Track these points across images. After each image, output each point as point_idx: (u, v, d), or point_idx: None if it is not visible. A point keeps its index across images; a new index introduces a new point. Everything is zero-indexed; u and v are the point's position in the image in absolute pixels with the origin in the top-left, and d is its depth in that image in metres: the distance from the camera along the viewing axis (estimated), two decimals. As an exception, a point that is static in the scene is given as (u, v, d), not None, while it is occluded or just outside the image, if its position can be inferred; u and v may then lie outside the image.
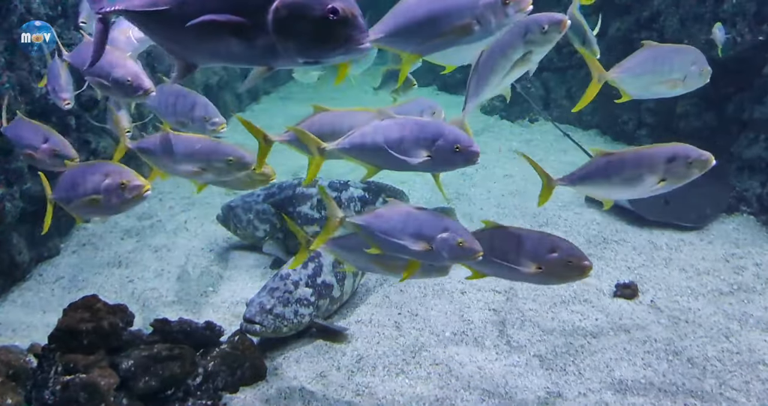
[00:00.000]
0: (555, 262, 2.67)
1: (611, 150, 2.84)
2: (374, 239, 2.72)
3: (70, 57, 3.48)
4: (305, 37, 1.65)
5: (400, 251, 2.69)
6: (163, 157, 3.17)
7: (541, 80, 8.33)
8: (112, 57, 3.03)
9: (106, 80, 3.03)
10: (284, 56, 1.70)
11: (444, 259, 2.63)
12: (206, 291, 4.37)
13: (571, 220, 5.43)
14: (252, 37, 1.68)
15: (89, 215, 3.25)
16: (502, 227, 2.79)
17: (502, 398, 3.28)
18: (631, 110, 7.31)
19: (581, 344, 3.69)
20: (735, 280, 4.35)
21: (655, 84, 3.20)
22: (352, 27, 1.66)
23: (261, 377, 3.38)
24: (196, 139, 3.16)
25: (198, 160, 3.12)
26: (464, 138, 2.58)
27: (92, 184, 2.94)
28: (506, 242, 2.74)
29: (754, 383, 3.34)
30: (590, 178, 2.91)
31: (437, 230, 2.60)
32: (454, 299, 4.17)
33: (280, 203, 4.73)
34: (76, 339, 2.91)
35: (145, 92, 3.03)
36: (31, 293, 4.34)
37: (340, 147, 2.75)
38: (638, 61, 3.18)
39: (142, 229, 5.24)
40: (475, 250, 2.59)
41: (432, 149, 2.56)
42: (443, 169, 2.78)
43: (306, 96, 10.31)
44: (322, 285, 3.82)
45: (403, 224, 2.66)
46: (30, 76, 4.57)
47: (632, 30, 7.01)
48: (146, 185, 2.92)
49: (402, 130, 2.61)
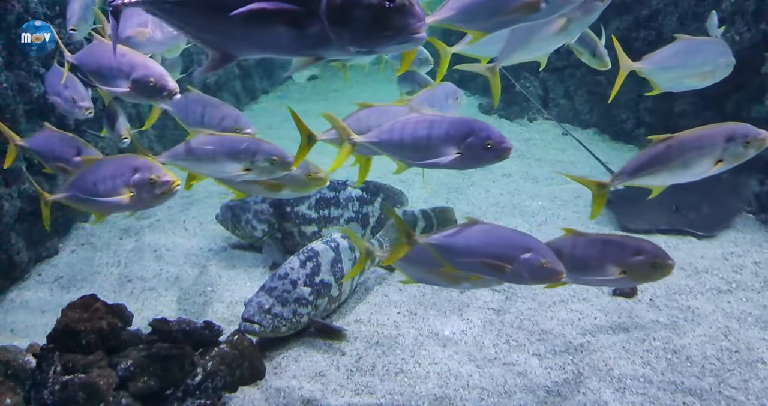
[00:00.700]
0: (640, 265, 2.65)
1: (667, 135, 2.77)
2: (449, 259, 2.65)
3: (77, 59, 3.27)
4: (360, 26, 1.59)
5: (479, 271, 2.63)
6: (206, 158, 3.07)
7: (540, 80, 8.33)
8: (132, 57, 2.90)
9: (126, 82, 2.90)
10: (337, 46, 1.64)
11: (525, 280, 2.57)
12: (205, 291, 4.37)
13: (570, 219, 5.44)
14: (304, 26, 1.61)
15: (112, 211, 3.11)
16: (583, 234, 2.75)
17: (501, 397, 3.28)
18: (629, 109, 7.32)
19: (580, 343, 3.69)
20: (734, 278, 4.35)
21: (687, 77, 3.23)
22: (410, 15, 1.60)
23: (260, 377, 3.38)
24: (241, 138, 3.07)
25: (243, 160, 3.02)
26: (496, 134, 2.53)
27: (122, 180, 2.83)
28: (588, 249, 2.70)
29: (752, 381, 3.34)
30: (650, 167, 2.81)
31: (519, 251, 2.53)
32: (453, 297, 4.17)
33: (278, 202, 4.73)
34: (75, 339, 2.91)
35: (169, 93, 2.88)
36: (30, 293, 4.34)
37: (369, 140, 2.73)
38: (671, 54, 3.21)
39: (140, 228, 5.24)
40: (559, 271, 2.52)
41: (462, 146, 2.52)
42: (474, 166, 2.71)
43: (304, 95, 10.32)
44: (320, 284, 3.82)
45: (483, 244, 2.59)
46: (28, 75, 4.57)
47: (631, 29, 7.01)
48: (176, 181, 2.84)
49: (432, 126, 2.56)
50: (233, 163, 3.04)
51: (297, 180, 3.20)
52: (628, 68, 3.18)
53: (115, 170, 2.87)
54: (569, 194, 5.96)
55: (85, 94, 3.64)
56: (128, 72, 2.89)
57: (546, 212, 5.56)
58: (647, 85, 3.42)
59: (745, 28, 5.71)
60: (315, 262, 3.87)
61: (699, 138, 2.72)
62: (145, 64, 2.90)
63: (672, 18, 6.63)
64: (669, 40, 3.41)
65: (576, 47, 3.86)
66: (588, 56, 3.86)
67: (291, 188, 3.25)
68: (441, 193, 6.00)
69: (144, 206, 2.95)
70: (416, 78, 4.31)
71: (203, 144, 3.07)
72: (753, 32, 5.67)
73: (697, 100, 6.28)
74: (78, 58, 3.24)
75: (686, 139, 2.73)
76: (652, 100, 6.87)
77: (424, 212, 4.86)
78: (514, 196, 5.93)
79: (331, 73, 12.00)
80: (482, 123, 2.58)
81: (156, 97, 2.91)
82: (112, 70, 2.93)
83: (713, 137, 2.70)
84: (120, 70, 2.89)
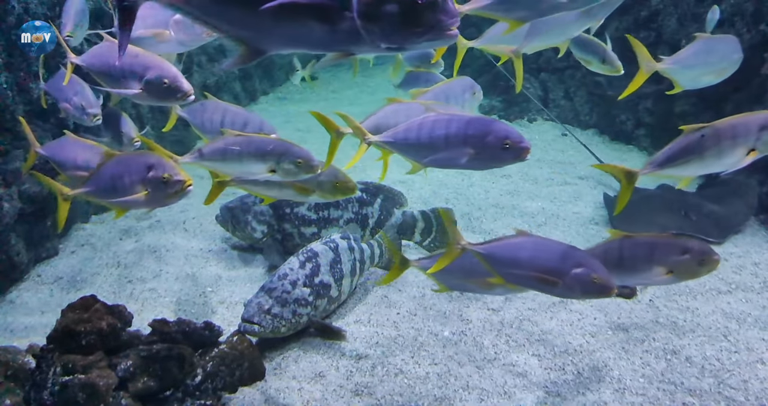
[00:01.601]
0: (687, 263, 2.66)
1: (700, 124, 2.74)
2: (497, 269, 2.62)
3: (84, 60, 3.18)
4: (391, 22, 1.58)
5: (527, 284, 2.60)
6: (231, 159, 3.04)
7: (540, 81, 8.34)
8: (145, 57, 2.83)
9: (138, 83, 2.83)
10: (367, 42, 1.63)
11: (576, 295, 2.55)
12: (205, 291, 4.37)
13: (570, 219, 5.44)
14: (334, 21, 1.60)
15: (130, 208, 3.06)
16: (630, 236, 2.74)
17: (501, 397, 3.28)
18: (628, 110, 7.33)
19: (579, 344, 3.69)
20: (733, 279, 4.35)
21: (706, 74, 3.25)
22: (442, 12, 1.59)
23: (260, 377, 3.38)
24: (269, 140, 3.04)
25: (268, 161, 2.98)
26: (514, 133, 2.50)
27: (137, 176, 2.79)
28: (635, 250, 2.69)
29: (752, 381, 3.34)
30: (683, 157, 2.78)
31: (570, 265, 2.50)
32: (452, 298, 4.17)
33: (277, 203, 4.74)
34: (75, 340, 2.90)
35: (184, 95, 2.83)
36: (30, 294, 4.34)
37: (384, 140, 2.70)
38: (692, 53, 3.23)
39: (140, 229, 5.24)
40: (610, 287, 2.49)
41: (480, 146, 2.48)
42: (491, 166, 2.68)
43: (303, 96, 10.32)
44: (319, 285, 3.82)
45: (532, 256, 2.55)
46: (28, 76, 4.57)
47: (630, 29, 7.01)
48: (188, 180, 2.80)
49: (449, 126, 2.53)
50: (259, 165, 3.00)
51: (325, 186, 3.14)
52: (650, 69, 3.17)
53: (131, 167, 2.84)
54: (569, 195, 5.96)
55: (94, 101, 3.56)
56: (141, 73, 2.82)
57: (545, 213, 5.56)
58: (646, 85, 3.44)
59: (745, 29, 5.72)
60: (314, 262, 3.87)
61: (732, 127, 2.68)
62: (159, 64, 2.84)
63: (671, 19, 6.64)
64: (668, 41, 3.44)
65: (583, 57, 3.81)
66: (597, 64, 3.80)
67: (319, 194, 3.20)
68: (440, 194, 6.00)
69: (158, 204, 2.92)
70: (421, 78, 4.28)
71: (229, 144, 3.02)
72: (752, 33, 5.67)
73: (696, 101, 6.28)
74: (85, 59, 3.15)
75: (720, 128, 2.69)
76: (652, 101, 6.89)
77: (423, 213, 4.86)
78: (514, 197, 5.94)
79: (330, 74, 12.01)
80: (500, 123, 2.54)
81: (170, 98, 2.86)
82: (123, 72, 2.86)
83: (747, 126, 2.66)
84: (132, 71, 2.83)
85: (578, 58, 3.90)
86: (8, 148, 4.34)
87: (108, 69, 2.95)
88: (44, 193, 4.62)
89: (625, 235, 2.77)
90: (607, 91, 7.48)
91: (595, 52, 3.81)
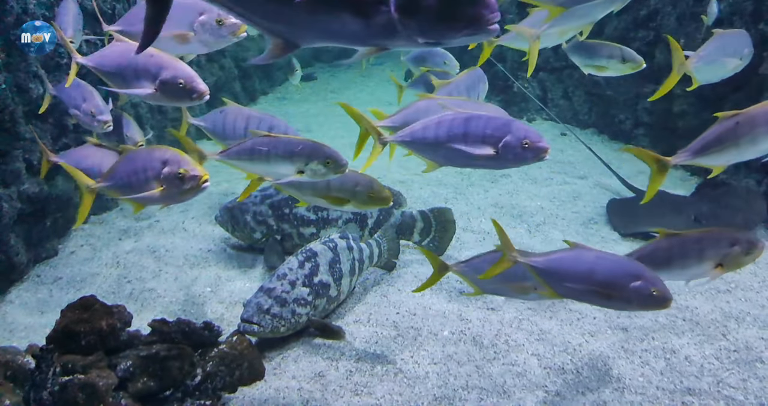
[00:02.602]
0: (736, 255, 2.67)
1: (735, 111, 2.72)
2: (550, 283, 2.59)
3: (93, 61, 3.06)
4: (430, 16, 1.53)
5: (580, 297, 2.58)
6: (260, 159, 3.01)
7: (538, 80, 8.34)
8: (159, 57, 2.76)
9: (152, 83, 2.76)
10: (403, 36, 1.58)
11: (633, 308, 2.55)
12: (204, 291, 4.37)
13: (569, 219, 5.44)
14: (370, 15, 1.55)
15: (147, 203, 2.99)
16: (677, 234, 2.73)
17: (501, 396, 3.28)
18: (627, 109, 7.33)
19: (579, 343, 3.69)
20: (732, 278, 4.36)
21: (723, 69, 3.33)
22: (482, 5, 1.54)
23: (259, 377, 3.38)
24: (297, 140, 3.01)
25: (297, 162, 2.96)
26: (533, 133, 2.49)
27: (152, 172, 2.74)
28: (685, 247, 2.69)
29: (751, 380, 3.35)
30: (718, 144, 2.75)
31: (628, 279, 2.49)
32: (452, 298, 4.17)
33: (276, 204, 4.74)
34: (74, 340, 2.90)
35: (199, 95, 2.78)
36: (29, 294, 4.34)
37: (401, 139, 2.66)
38: (712, 50, 3.29)
39: (140, 229, 5.24)
40: (668, 299, 2.51)
41: (500, 145, 2.46)
42: (510, 166, 2.66)
43: (302, 96, 10.33)
44: (319, 285, 3.83)
45: (589, 270, 2.52)
46: (27, 76, 4.57)
47: (629, 29, 7.03)
48: (205, 175, 2.74)
49: (468, 125, 2.51)
50: (287, 165, 2.98)
51: (360, 197, 3.11)
52: (682, 70, 3.20)
53: (147, 163, 2.79)
54: (568, 195, 5.97)
55: (104, 107, 3.48)
56: (155, 73, 2.76)
57: (544, 212, 5.57)
58: (645, 84, 3.45)
59: (744, 28, 5.72)
60: (313, 262, 3.87)
61: (765, 112, 2.67)
62: (175, 64, 2.78)
63: (670, 18, 6.64)
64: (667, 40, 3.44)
65: (596, 65, 3.76)
66: (616, 65, 3.74)
67: (354, 204, 3.17)
68: (440, 194, 6.01)
69: (174, 200, 2.87)
70: (426, 79, 4.28)
71: (257, 144, 3.00)
72: (751, 32, 5.66)
73: (695, 101, 6.29)
74: (93, 59, 3.07)
75: (755, 114, 2.68)
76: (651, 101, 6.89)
77: (422, 212, 4.86)
78: (513, 197, 5.94)
79: (329, 74, 12.01)
80: (519, 122, 2.53)
81: (184, 99, 2.80)
82: (136, 72, 2.80)
83: None
84: (146, 71, 2.76)
85: (588, 68, 3.83)
86: (7, 149, 4.33)
87: (120, 69, 2.88)
88: (43, 193, 4.63)
89: (672, 233, 2.75)
90: (605, 90, 7.49)
91: (611, 55, 3.76)
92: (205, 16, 2.78)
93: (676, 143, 6.77)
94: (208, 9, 2.81)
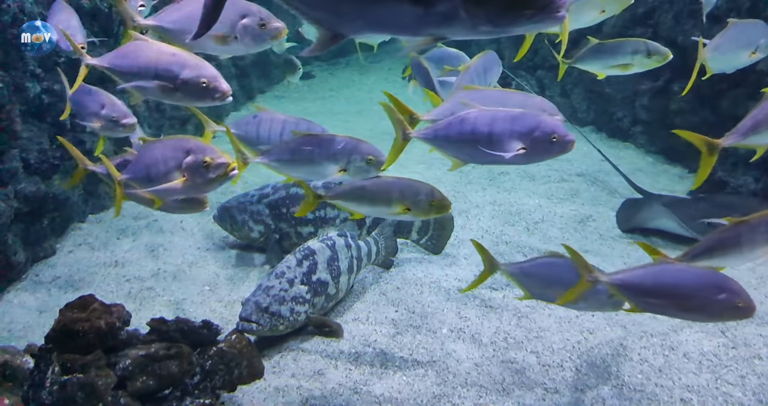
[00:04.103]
0: None
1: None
2: (634, 299, 2.55)
3: (108, 61, 2.91)
4: (499, 3, 1.45)
5: (665, 312, 2.58)
6: (301, 160, 2.95)
7: (536, 78, 8.35)
8: (182, 56, 2.69)
9: (172, 83, 2.68)
10: (466, 25, 1.49)
11: (719, 319, 2.60)
12: (203, 290, 4.36)
13: (567, 216, 5.45)
14: (430, 2, 1.46)
15: (169, 196, 2.88)
16: (744, 221, 2.68)
17: (500, 394, 3.28)
18: (625, 107, 7.34)
19: (578, 340, 3.70)
20: (731, 274, 4.35)
21: (738, 58, 3.37)
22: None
23: (259, 376, 3.37)
24: (338, 138, 2.97)
25: (340, 160, 2.92)
26: (560, 127, 2.47)
27: (174, 163, 2.67)
28: (754, 232, 2.66)
29: (749, 377, 3.35)
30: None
31: (713, 292, 2.48)
32: (450, 296, 4.18)
33: (273, 203, 4.74)
34: (73, 339, 2.90)
35: (222, 95, 2.69)
36: (28, 294, 4.33)
37: (424, 136, 2.62)
38: (726, 39, 3.33)
39: (138, 228, 5.23)
40: (753, 309, 2.50)
41: (528, 140, 2.43)
42: (536, 161, 2.62)
43: (301, 95, 10.31)
44: (317, 283, 3.82)
45: (674, 285, 2.49)
46: (24, 75, 4.56)
47: (627, 26, 7.02)
48: (231, 163, 2.67)
49: (494, 121, 2.47)
50: (330, 165, 2.94)
51: (421, 205, 3.04)
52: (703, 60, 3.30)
53: (170, 153, 2.71)
54: (566, 192, 5.97)
55: (127, 110, 3.36)
56: (177, 72, 2.68)
57: (542, 210, 5.57)
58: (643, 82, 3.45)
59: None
60: (311, 260, 3.87)
61: None
62: (197, 63, 2.71)
63: (667, 15, 6.65)
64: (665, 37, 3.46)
65: (624, 64, 3.70)
66: (642, 60, 3.63)
67: (415, 212, 3.09)
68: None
69: (199, 191, 2.79)
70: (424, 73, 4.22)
71: (299, 145, 2.96)
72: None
73: (692, 98, 6.29)
74: (108, 60, 2.93)
75: None
76: (648, 99, 6.90)
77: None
78: (511, 194, 5.94)
79: (328, 72, 12.00)
80: (545, 116, 2.51)
81: (206, 99, 2.72)
82: (157, 71, 2.72)
83: None
84: (168, 70, 2.68)
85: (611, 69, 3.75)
86: (4, 148, 4.32)
87: (138, 69, 2.79)
88: (41, 192, 4.62)
89: (740, 220, 2.69)
90: (604, 88, 7.49)
91: (636, 50, 3.66)
92: (249, 19, 2.72)
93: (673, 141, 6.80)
94: (252, 11, 2.74)
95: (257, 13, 2.76)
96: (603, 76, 3.89)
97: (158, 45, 2.77)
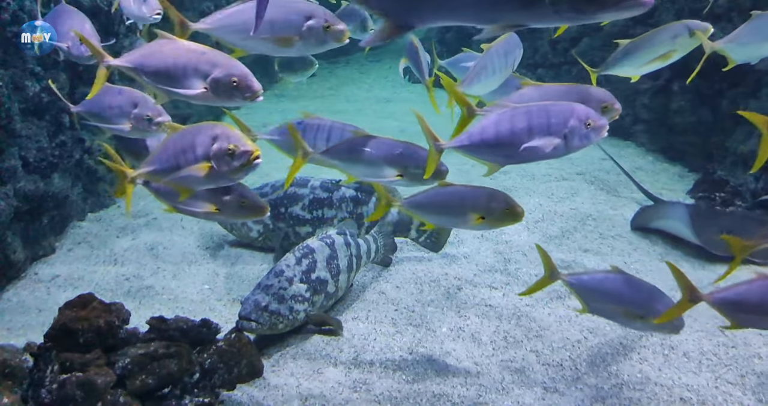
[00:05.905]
0: None
1: None
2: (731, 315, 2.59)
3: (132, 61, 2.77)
4: None
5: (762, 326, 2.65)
6: (360, 160, 2.94)
7: (537, 76, 8.34)
8: (213, 55, 2.63)
9: (202, 82, 2.62)
10: (548, 12, 1.42)
11: None
12: (202, 289, 4.36)
13: (567, 215, 5.44)
14: None
15: (194, 186, 2.77)
16: None
17: (500, 393, 3.28)
18: (626, 106, 7.29)
19: (578, 340, 3.70)
20: (732, 274, 4.35)
21: (761, 49, 3.40)
22: None
23: (258, 374, 3.38)
24: (397, 143, 2.97)
25: (397, 166, 2.92)
26: (592, 111, 2.43)
27: (201, 150, 2.59)
28: None
29: (749, 376, 3.35)
30: None
31: None
32: (450, 295, 4.18)
33: (272, 203, 4.74)
34: (73, 338, 2.90)
35: (253, 95, 2.63)
36: (27, 292, 4.33)
37: (459, 145, 2.56)
38: (749, 31, 3.39)
39: (137, 227, 5.23)
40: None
41: (566, 131, 2.39)
42: (575, 151, 2.56)
43: (300, 93, 10.30)
44: (316, 281, 3.82)
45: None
46: (24, 73, 4.55)
47: (628, 25, 7.01)
48: (256, 151, 2.59)
49: (530, 118, 2.41)
50: (387, 168, 2.94)
51: (495, 213, 3.02)
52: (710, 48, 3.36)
53: (195, 140, 2.64)
54: (566, 191, 5.97)
55: (160, 108, 3.25)
56: (207, 71, 2.62)
57: (542, 209, 5.56)
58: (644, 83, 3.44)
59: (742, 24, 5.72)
60: (311, 259, 3.87)
61: None
62: (228, 62, 2.64)
63: (668, 14, 6.63)
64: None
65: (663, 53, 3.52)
66: (686, 40, 3.42)
67: (489, 221, 3.07)
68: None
69: (223, 180, 2.70)
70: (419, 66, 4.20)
71: (358, 145, 2.96)
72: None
73: (692, 97, 6.29)
74: (131, 59, 2.79)
75: None
76: (649, 97, 6.90)
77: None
78: (511, 193, 5.81)
79: (327, 70, 11.99)
80: (576, 104, 2.46)
81: (237, 98, 2.66)
82: (185, 70, 2.66)
83: None
84: (197, 70, 2.62)
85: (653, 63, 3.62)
86: (4, 146, 4.32)
87: (166, 69, 2.70)
88: (40, 191, 4.61)
89: None
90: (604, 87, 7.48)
91: (676, 33, 3.44)
92: (314, 21, 2.69)
93: (674, 139, 6.79)
94: (317, 14, 2.70)
95: (322, 16, 2.72)
96: (637, 79, 3.83)
97: (186, 43, 2.72)
